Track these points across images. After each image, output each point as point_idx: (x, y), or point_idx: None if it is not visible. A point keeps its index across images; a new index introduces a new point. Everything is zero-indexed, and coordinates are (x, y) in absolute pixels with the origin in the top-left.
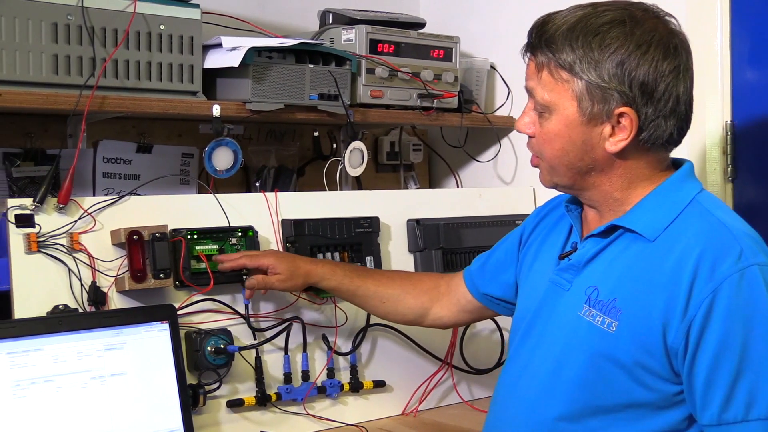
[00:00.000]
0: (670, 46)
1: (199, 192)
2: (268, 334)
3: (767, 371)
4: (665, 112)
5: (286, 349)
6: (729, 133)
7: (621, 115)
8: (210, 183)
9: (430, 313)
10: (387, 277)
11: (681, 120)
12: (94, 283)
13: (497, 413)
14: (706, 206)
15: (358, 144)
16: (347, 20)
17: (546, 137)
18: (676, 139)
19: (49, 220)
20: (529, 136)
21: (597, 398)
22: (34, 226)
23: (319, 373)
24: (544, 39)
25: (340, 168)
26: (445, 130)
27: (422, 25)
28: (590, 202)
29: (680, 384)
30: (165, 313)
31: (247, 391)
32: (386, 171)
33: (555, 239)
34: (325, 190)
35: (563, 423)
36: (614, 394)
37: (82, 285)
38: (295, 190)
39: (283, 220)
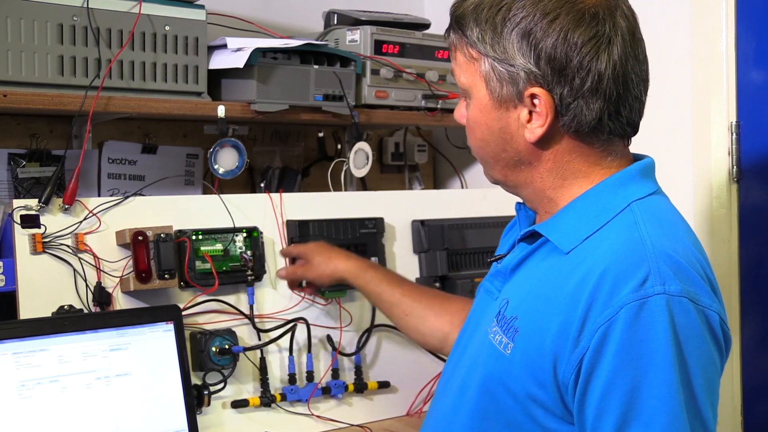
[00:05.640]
0: (586, 14)
1: (204, 193)
2: (273, 334)
3: (658, 424)
4: (584, 92)
5: (290, 350)
6: (734, 134)
7: (533, 97)
8: (215, 184)
9: (449, 338)
10: (417, 291)
11: (610, 102)
12: (99, 283)
13: None
14: (637, 216)
15: (362, 145)
16: (352, 21)
17: (468, 125)
18: (612, 127)
19: (54, 221)
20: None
21: (489, 428)
22: (39, 227)
23: (323, 374)
24: (455, 16)
25: (344, 169)
26: (450, 130)
27: (427, 25)
28: (528, 203)
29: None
30: (170, 314)
31: (251, 392)
32: (391, 172)
33: (503, 244)
34: (330, 190)
35: None
36: (505, 426)
37: (87, 285)
38: (299, 191)
39: (287, 221)
